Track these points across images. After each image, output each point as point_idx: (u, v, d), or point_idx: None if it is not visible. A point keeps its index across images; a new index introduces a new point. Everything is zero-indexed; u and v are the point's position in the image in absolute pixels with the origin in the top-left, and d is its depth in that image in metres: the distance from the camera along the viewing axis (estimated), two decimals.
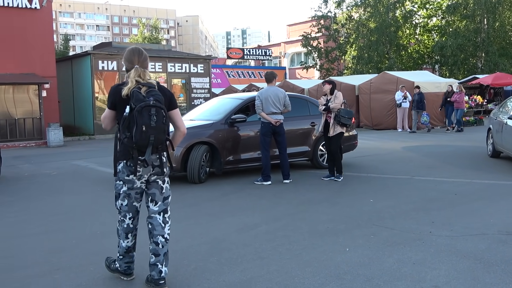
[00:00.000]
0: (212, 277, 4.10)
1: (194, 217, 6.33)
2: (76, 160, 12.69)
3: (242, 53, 43.57)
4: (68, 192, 8.27)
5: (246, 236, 5.35)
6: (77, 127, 22.19)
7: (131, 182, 3.78)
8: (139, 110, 3.48)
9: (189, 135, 8.68)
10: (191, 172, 8.51)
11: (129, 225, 3.93)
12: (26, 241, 5.42)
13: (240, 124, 9.14)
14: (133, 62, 3.79)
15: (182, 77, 23.61)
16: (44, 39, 19.56)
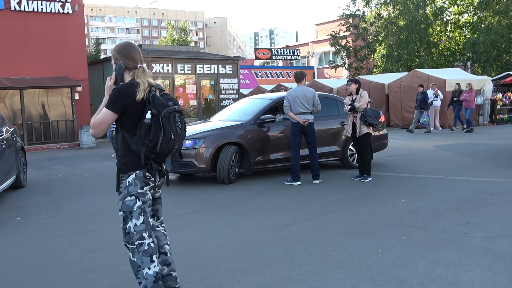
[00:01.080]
0: (243, 278, 4.10)
1: (224, 217, 6.35)
2: (108, 161, 12.87)
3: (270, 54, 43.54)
4: (101, 193, 8.39)
5: (276, 236, 5.33)
6: None
7: (144, 195, 3.32)
8: (167, 116, 3.14)
9: (219, 135, 8.75)
10: (221, 172, 8.54)
11: (150, 245, 3.31)
12: (60, 241, 5.51)
13: (269, 124, 9.13)
14: (136, 60, 3.37)
15: (211, 78, 23.72)
16: (76, 43, 19.93)
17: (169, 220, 6.25)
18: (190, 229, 5.77)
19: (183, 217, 6.49)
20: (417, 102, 17.94)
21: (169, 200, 7.69)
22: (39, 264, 4.69)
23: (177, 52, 24.46)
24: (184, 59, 22.85)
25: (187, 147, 8.58)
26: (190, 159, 8.53)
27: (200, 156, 8.52)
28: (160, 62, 22.08)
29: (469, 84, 18.11)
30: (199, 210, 6.90)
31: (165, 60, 22.26)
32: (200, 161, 8.52)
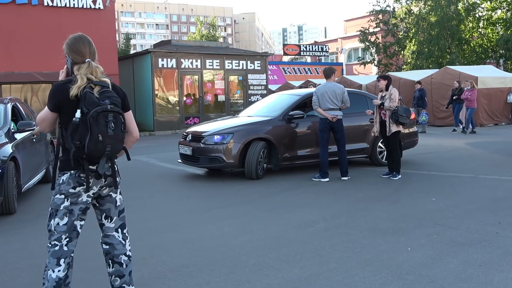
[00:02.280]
0: (271, 273, 4.10)
1: (252, 213, 6.36)
2: (137, 156, 13.01)
3: (299, 50, 43.40)
4: (130, 187, 8.49)
5: (304, 233, 5.32)
6: (138, 123, 22.55)
7: (75, 196, 3.11)
8: (95, 116, 2.88)
9: (247, 131, 8.77)
10: (249, 168, 8.56)
11: (62, 248, 3.11)
12: (90, 233, 5.57)
13: (297, 120, 9.11)
14: (83, 54, 3.16)
15: (239, 74, 23.78)
16: (107, 38, 20.20)
17: (197, 214, 6.34)
18: (218, 224, 5.80)
19: (211, 211, 6.53)
20: (414, 100, 17.34)
21: (198, 195, 7.77)
22: None
23: (206, 47, 24.60)
24: (212, 55, 22.97)
25: (215, 142, 8.63)
26: (218, 154, 8.58)
27: (229, 151, 8.56)
28: (189, 58, 22.23)
29: (471, 82, 17.08)
30: (227, 205, 6.93)
31: (194, 55, 22.40)
32: (229, 156, 8.55)
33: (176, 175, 9.55)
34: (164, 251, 4.79)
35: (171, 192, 8.09)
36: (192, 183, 8.73)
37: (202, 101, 22.68)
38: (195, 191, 8.05)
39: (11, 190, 6.28)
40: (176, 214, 6.48)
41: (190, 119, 22.05)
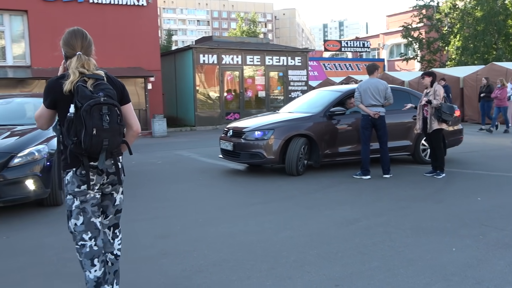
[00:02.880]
0: (312, 270, 4.09)
1: (292, 209, 6.35)
2: (179, 150, 13.21)
3: (340, 45, 42.94)
4: (173, 181, 8.63)
5: (345, 230, 5.28)
6: (179, 118, 23.08)
7: (83, 194, 3.06)
8: (88, 110, 2.81)
9: (288, 127, 8.75)
10: (289, 164, 8.55)
11: (92, 248, 3.09)
12: (134, 226, 5.72)
13: (339, 116, 9.03)
14: (74, 48, 3.08)
15: (279, 70, 23.75)
16: (150, 35, 20.53)
17: (238, 209, 6.38)
18: (259, 219, 5.82)
19: (252, 207, 6.55)
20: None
21: (238, 190, 7.81)
22: None
23: (246, 43, 24.66)
24: (253, 51, 23.01)
25: (256, 138, 8.65)
26: (259, 150, 8.60)
27: (269, 147, 8.57)
28: (230, 54, 22.34)
29: (501, 80, 16.19)
30: (268, 201, 6.94)
31: (235, 51, 22.50)
32: (269, 152, 8.56)
33: (217, 170, 9.63)
34: (205, 245, 4.84)
35: (212, 186, 8.16)
36: (232, 178, 8.79)
37: (242, 97, 22.77)
38: (236, 186, 8.10)
39: (58, 182, 6.48)
40: (217, 208, 6.53)
41: (230, 115, 22.18)
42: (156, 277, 4.03)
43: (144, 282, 3.93)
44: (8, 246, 5.03)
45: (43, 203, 6.56)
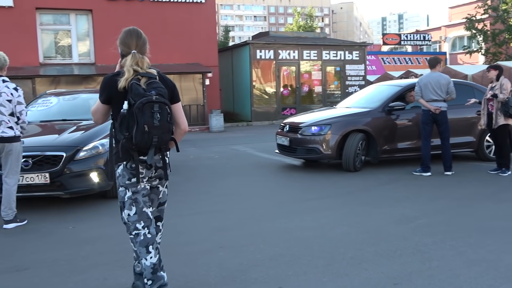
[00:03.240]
0: (370, 268, 4.02)
1: (349, 205, 6.27)
2: (236, 145, 13.34)
3: (399, 39, 41.92)
4: (229, 175, 8.72)
5: (404, 228, 5.16)
6: (236, 113, 23.28)
7: (134, 185, 3.21)
8: (140, 107, 2.94)
9: (345, 122, 8.65)
10: (347, 160, 8.45)
11: (146, 235, 3.21)
12: (193, 219, 5.83)
13: (398, 112, 8.83)
14: (129, 46, 3.21)
15: (336, 64, 23.49)
16: (207, 31, 20.78)
17: (294, 205, 6.37)
18: (315, 215, 5.79)
19: (308, 202, 6.53)
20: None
21: (294, 185, 7.80)
22: (173, 239, 4.98)
23: (303, 38, 24.53)
24: (310, 46, 22.86)
25: (313, 133, 8.60)
26: (315, 145, 8.55)
27: (326, 143, 8.50)
28: (286, 49, 22.30)
29: None
30: (324, 196, 6.89)
31: (292, 46, 22.43)
32: (326, 147, 8.49)
33: (273, 165, 9.66)
34: (262, 240, 4.87)
35: (269, 181, 8.19)
36: (289, 174, 8.78)
37: (299, 92, 22.69)
38: (292, 182, 8.09)
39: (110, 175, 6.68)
40: (274, 203, 6.55)
41: (286, 110, 22.16)
42: (213, 269, 4.08)
43: (201, 274, 3.99)
44: (73, 236, 5.25)
45: (106, 195, 6.80)
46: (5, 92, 5.49)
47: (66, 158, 6.17)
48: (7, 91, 5.50)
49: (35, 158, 6.08)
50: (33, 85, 17.40)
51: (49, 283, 3.92)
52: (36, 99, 8.66)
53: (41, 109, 8.04)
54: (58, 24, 19.13)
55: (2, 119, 5.47)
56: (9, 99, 5.49)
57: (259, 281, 3.81)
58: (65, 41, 19.31)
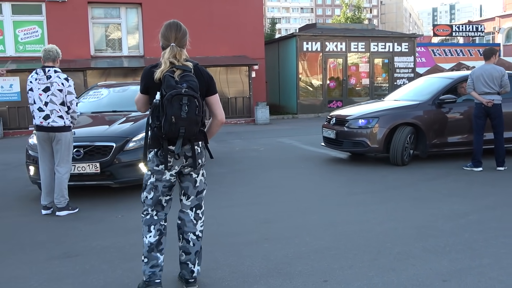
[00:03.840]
0: (417, 264, 3.94)
1: (396, 200, 6.16)
2: (281, 138, 13.32)
3: (450, 30, 40.70)
4: (275, 168, 8.72)
5: (454, 224, 5.03)
6: (281, 106, 23.23)
7: (160, 173, 3.34)
8: (169, 99, 3.05)
9: (393, 115, 8.49)
10: (394, 153, 8.29)
11: (152, 217, 3.42)
12: (237, 210, 5.87)
13: (449, 105, 8.59)
14: (169, 39, 3.29)
15: (385, 56, 23.04)
16: (254, 23, 20.77)
17: (340, 198, 6.31)
18: (361, 209, 5.72)
19: (354, 196, 6.45)
20: None
21: (340, 178, 7.73)
22: (219, 230, 5.04)
23: (351, 30, 24.17)
24: (358, 37, 22.52)
25: (359, 126, 8.49)
26: (362, 139, 8.43)
27: (373, 136, 8.37)
28: (333, 41, 22.05)
29: None
30: (371, 190, 6.80)
31: (339, 38, 22.16)
32: (373, 141, 8.37)
33: (319, 158, 9.59)
34: (307, 232, 4.85)
35: (314, 174, 8.14)
36: (334, 167, 8.70)
37: (345, 85, 22.41)
38: (338, 175, 8.01)
39: None
40: (319, 196, 6.51)
41: (333, 103, 21.94)
42: (258, 261, 4.10)
43: (246, 265, 4.02)
44: (122, 224, 5.39)
45: None
46: (56, 82, 5.69)
47: (116, 148, 6.33)
48: (58, 81, 5.71)
49: (86, 148, 6.27)
50: (85, 77, 17.89)
51: (99, 269, 4.03)
52: (88, 91, 8.91)
53: (92, 101, 8.27)
54: (109, 18, 19.56)
55: (53, 108, 5.68)
56: (60, 88, 5.70)
57: (304, 274, 3.80)
58: (115, 34, 19.73)
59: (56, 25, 17.87)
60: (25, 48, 18.02)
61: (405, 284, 3.57)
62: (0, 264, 4.24)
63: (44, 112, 5.68)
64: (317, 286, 3.58)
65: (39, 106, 5.68)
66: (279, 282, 3.66)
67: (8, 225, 5.54)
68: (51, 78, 5.69)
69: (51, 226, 5.42)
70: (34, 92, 5.71)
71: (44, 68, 5.75)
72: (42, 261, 4.28)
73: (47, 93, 5.67)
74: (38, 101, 5.69)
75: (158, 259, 3.38)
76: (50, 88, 5.67)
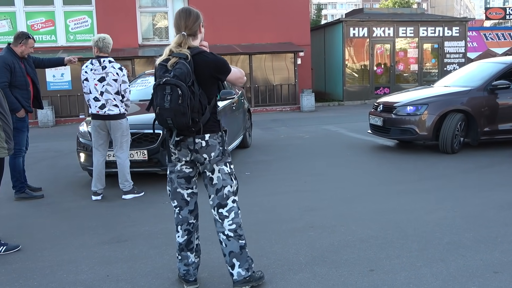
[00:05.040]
0: (467, 254, 3.84)
1: (446, 188, 6.01)
2: (327, 125, 13.20)
3: (504, 13, 39.10)
4: (320, 155, 8.66)
5: (507, 214, 4.87)
6: (327, 93, 22.99)
7: (172, 165, 3.30)
8: (154, 89, 3.00)
9: (443, 102, 8.27)
10: (444, 141, 8.08)
11: (178, 215, 3.36)
12: (283, 197, 5.87)
13: (502, 91, 8.28)
14: (179, 28, 3.13)
15: (434, 41, 22.38)
16: (300, 10, 20.55)
17: (387, 186, 6.22)
18: (410, 198, 5.61)
19: (402, 184, 6.34)
20: None
21: (388, 166, 7.61)
22: (264, 217, 5.06)
23: (399, 14, 23.58)
24: (406, 22, 21.94)
25: (408, 113, 8.31)
26: (411, 126, 8.25)
27: (422, 123, 8.17)
28: (381, 26, 21.59)
29: None
30: (419, 178, 6.66)
31: (387, 23, 21.67)
32: (422, 128, 8.17)
33: (365, 146, 9.46)
34: (353, 221, 4.80)
35: (361, 162, 8.04)
36: (382, 154, 8.56)
37: (393, 71, 21.93)
38: (385, 163, 7.88)
39: None
40: (366, 184, 6.43)
41: (380, 89, 21.53)
42: (303, 249, 4.10)
43: (292, 253, 4.02)
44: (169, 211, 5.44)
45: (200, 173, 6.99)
46: (111, 72, 5.83)
47: (163, 135, 6.43)
48: (113, 71, 5.85)
49: (134, 135, 6.39)
50: (132, 65, 18.21)
51: (147, 254, 4.13)
52: (136, 79, 9.07)
53: (140, 89, 8.42)
54: (156, 7, 19.79)
55: (109, 98, 5.83)
56: (115, 78, 5.84)
57: (350, 262, 3.77)
58: (162, 23, 19.96)
59: (105, 15, 18.24)
60: (75, 38, 18.49)
61: (454, 275, 3.49)
62: (51, 249, 4.40)
63: (100, 101, 5.84)
64: (363, 275, 3.55)
65: (95, 95, 5.85)
66: (324, 271, 3.64)
67: (59, 210, 5.74)
68: (106, 68, 5.84)
69: (101, 211, 5.59)
70: (90, 82, 5.87)
71: (100, 58, 5.89)
72: (92, 246, 4.42)
73: (103, 83, 5.82)
74: (94, 91, 5.85)
75: (189, 258, 3.37)
76: (106, 78, 5.82)
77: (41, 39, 17.79)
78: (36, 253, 4.27)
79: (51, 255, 4.23)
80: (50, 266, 3.96)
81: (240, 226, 3.29)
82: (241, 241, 3.27)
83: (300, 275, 3.59)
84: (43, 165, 8.74)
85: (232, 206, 3.28)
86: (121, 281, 3.64)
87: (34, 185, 6.66)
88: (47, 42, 18.10)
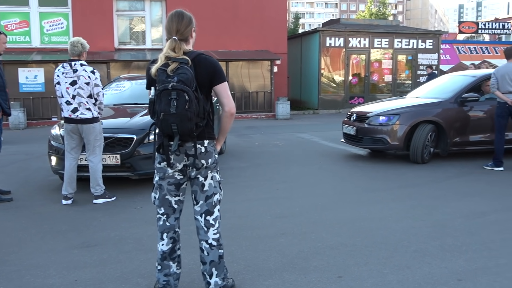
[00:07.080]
0: (433, 262, 3.94)
1: (415, 198, 6.13)
2: (301, 133, 13.30)
3: (476, 27, 40.03)
4: (294, 163, 8.73)
5: (472, 223, 5.00)
6: (303, 101, 23.16)
7: (162, 171, 3.17)
8: (158, 95, 2.91)
9: (415, 113, 8.43)
10: (414, 151, 8.24)
11: (164, 223, 3.26)
12: (255, 204, 5.90)
13: (472, 103, 8.49)
14: (170, 32, 3.06)
15: (408, 53, 22.79)
16: (278, 18, 20.70)
17: (358, 195, 6.30)
18: (380, 206, 5.71)
19: (372, 193, 6.44)
20: None
21: (359, 175, 7.71)
22: (236, 223, 5.09)
23: (375, 26, 23.96)
24: (381, 33, 22.31)
25: (380, 123, 8.44)
26: (383, 136, 8.39)
27: (394, 133, 8.32)
28: (357, 37, 21.89)
29: None
30: (389, 188, 6.77)
31: (363, 34, 21.98)
32: (393, 138, 8.32)
33: (338, 154, 9.57)
34: (323, 228, 4.86)
35: (334, 170, 8.13)
36: (354, 163, 8.67)
37: (368, 81, 22.25)
38: (357, 171, 7.99)
39: None
40: (337, 192, 6.51)
41: (354, 99, 21.80)
42: (273, 255, 4.13)
43: (262, 259, 4.05)
44: (140, 216, 5.47)
45: None
46: (83, 75, 5.79)
47: (137, 140, 6.42)
48: (85, 74, 5.81)
49: (108, 139, 6.36)
50: (108, 69, 18.08)
51: (116, 259, 4.11)
52: (110, 83, 9.02)
53: (114, 93, 8.38)
54: (133, 10, 19.70)
55: (81, 101, 5.79)
56: (86, 81, 5.80)
57: (319, 269, 3.82)
58: (139, 27, 19.88)
59: (81, 17, 18.09)
60: (50, 40, 18.28)
61: (419, 282, 3.57)
62: (19, 252, 4.35)
63: (72, 105, 5.79)
64: (332, 281, 3.60)
65: (67, 99, 5.80)
66: (293, 277, 3.69)
67: (28, 214, 5.67)
68: (77, 71, 5.79)
69: (71, 216, 5.54)
70: (62, 85, 5.82)
71: (71, 62, 5.85)
72: (61, 250, 4.38)
73: (74, 87, 5.78)
74: (66, 94, 5.80)
75: (170, 267, 3.29)
76: (77, 81, 5.77)
77: (15, 40, 17.58)
78: (3, 257, 4.21)
79: (18, 259, 4.18)
80: (17, 271, 3.92)
81: (221, 235, 3.29)
82: (221, 250, 3.27)
83: (270, 281, 3.63)
84: (13, 168, 8.61)
85: (217, 215, 3.26)
86: (89, 286, 3.62)
87: (3, 188, 6.57)
88: (21, 43, 17.89)
